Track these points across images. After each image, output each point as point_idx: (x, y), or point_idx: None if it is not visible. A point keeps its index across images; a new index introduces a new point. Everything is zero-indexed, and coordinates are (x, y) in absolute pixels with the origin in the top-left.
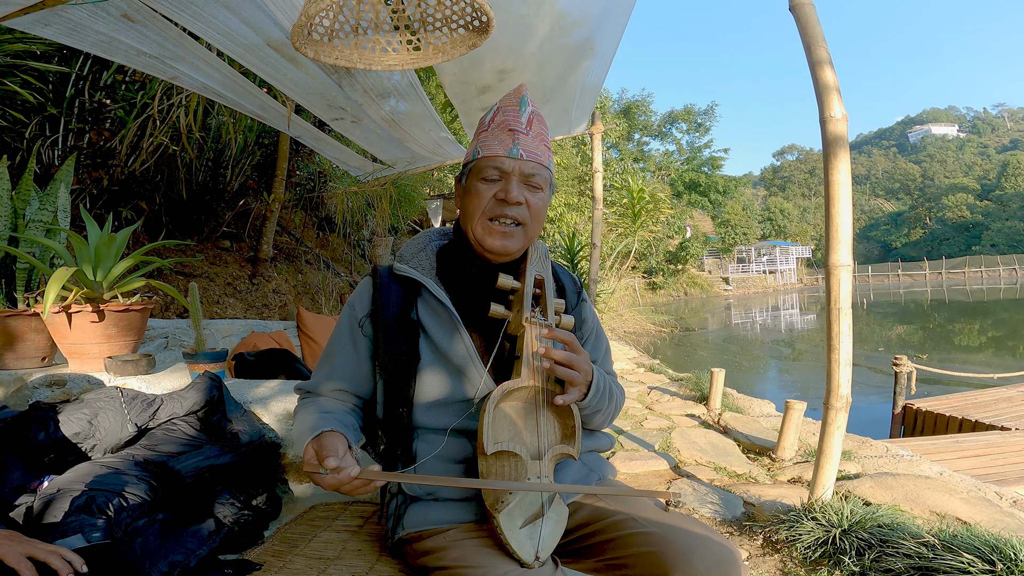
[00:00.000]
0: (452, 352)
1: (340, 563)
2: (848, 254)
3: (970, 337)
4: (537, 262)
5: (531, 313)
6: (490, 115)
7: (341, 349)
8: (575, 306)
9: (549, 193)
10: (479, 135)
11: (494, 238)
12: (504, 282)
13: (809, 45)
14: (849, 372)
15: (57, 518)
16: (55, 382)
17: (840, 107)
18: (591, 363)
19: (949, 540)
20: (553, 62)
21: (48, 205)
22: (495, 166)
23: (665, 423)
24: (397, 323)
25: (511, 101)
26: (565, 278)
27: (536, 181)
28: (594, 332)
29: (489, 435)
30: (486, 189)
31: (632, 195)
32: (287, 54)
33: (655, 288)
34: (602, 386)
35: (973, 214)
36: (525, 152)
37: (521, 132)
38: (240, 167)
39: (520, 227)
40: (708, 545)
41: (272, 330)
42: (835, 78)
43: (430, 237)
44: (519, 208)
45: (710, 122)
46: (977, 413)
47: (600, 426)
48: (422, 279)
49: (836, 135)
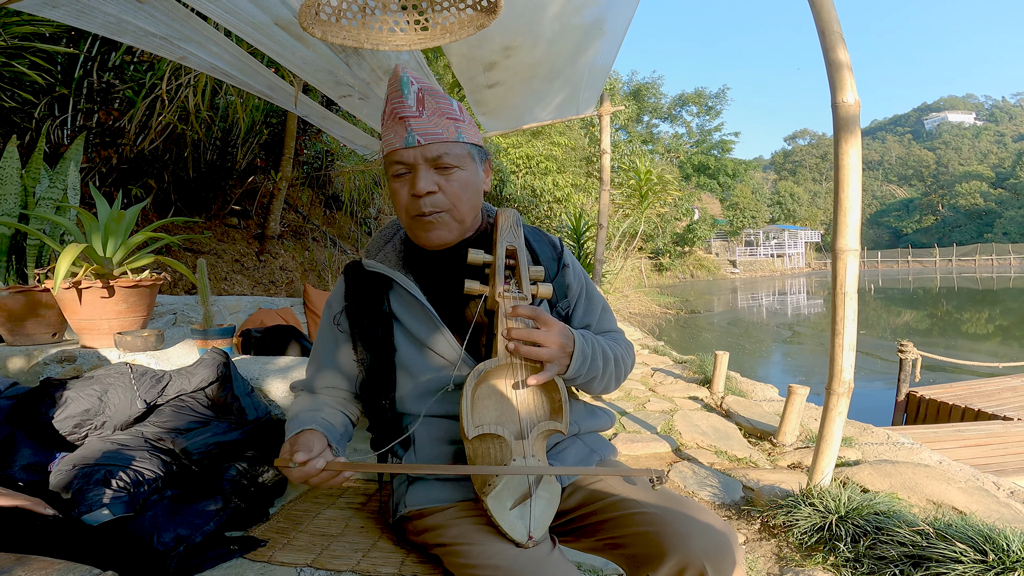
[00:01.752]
0: (428, 340)
1: (343, 540)
2: (856, 239)
3: (978, 325)
4: (508, 231)
5: (504, 287)
6: (383, 109)
7: (324, 347)
8: (556, 274)
9: (475, 164)
10: (381, 131)
11: (424, 232)
12: (475, 257)
13: (823, 30)
14: (852, 357)
15: (78, 494)
16: (66, 358)
17: (853, 93)
18: (569, 333)
19: (943, 529)
20: (562, 41)
21: (58, 183)
22: (397, 160)
23: (668, 405)
24: (370, 316)
25: (393, 87)
26: (542, 245)
27: (445, 161)
28: (583, 295)
29: (469, 419)
30: (400, 187)
31: (640, 176)
32: (294, 32)
33: (661, 269)
34: (589, 352)
35: (986, 202)
36: (421, 136)
37: (412, 116)
38: (248, 146)
39: (445, 214)
40: (705, 526)
41: (279, 307)
42: (848, 63)
43: (396, 227)
44: (433, 197)
45: (721, 105)
46: (980, 402)
47: (605, 390)
48: (390, 273)
49: (847, 119)
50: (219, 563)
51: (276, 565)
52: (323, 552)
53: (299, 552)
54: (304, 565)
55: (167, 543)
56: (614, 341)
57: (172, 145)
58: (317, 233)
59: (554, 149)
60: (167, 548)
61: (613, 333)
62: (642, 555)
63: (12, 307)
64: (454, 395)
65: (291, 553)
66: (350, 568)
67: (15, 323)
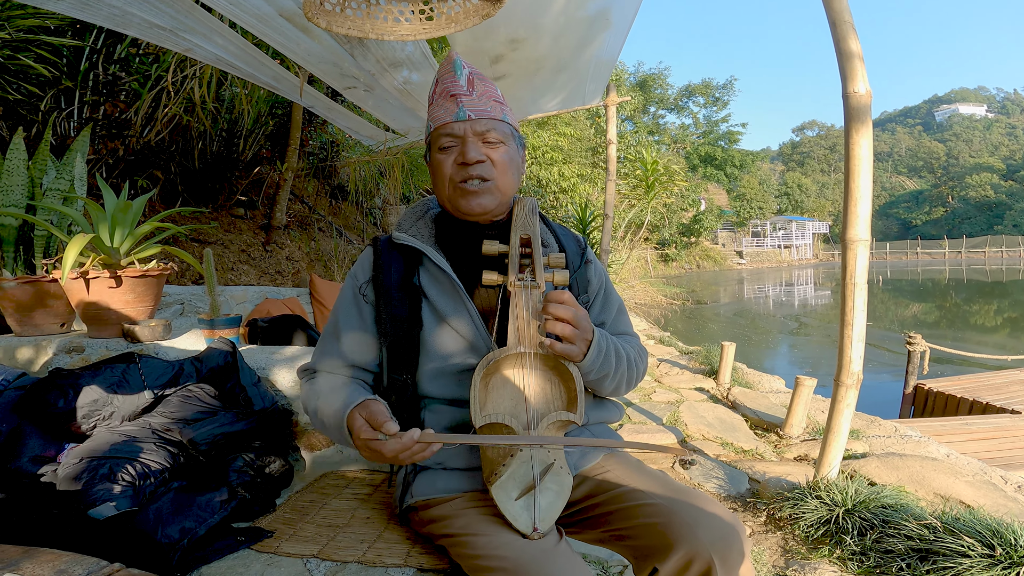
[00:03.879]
0: (455, 319)
1: (349, 531)
2: (866, 229)
3: (986, 317)
4: (523, 220)
5: (518, 276)
6: (432, 89)
7: (346, 319)
8: (579, 268)
9: (516, 146)
10: (428, 111)
11: (467, 199)
12: (489, 248)
13: (834, 20)
14: (862, 349)
15: (84, 487)
16: (74, 348)
17: (864, 83)
18: (591, 323)
19: (951, 523)
20: (568, 33)
21: (65, 174)
22: (446, 133)
23: (674, 396)
24: (399, 289)
25: (446, 69)
26: (568, 239)
27: (493, 136)
28: (602, 293)
29: (476, 408)
30: (445, 158)
31: (646, 167)
32: (299, 24)
33: (667, 260)
34: (605, 346)
35: (997, 194)
36: (472, 112)
37: (463, 94)
38: (254, 137)
39: (490, 183)
40: (713, 518)
41: (285, 297)
42: (860, 52)
43: (428, 205)
44: (482, 166)
45: (728, 96)
46: (989, 395)
47: (615, 392)
48: (422, 247)
49: (859, 110)
50: (225, 555)
51: (282, 556)
52: (329, 543)
53: (305, 543)
54: (310, 556)
55: (172, 536)
56: (628, 344)
57: (178, 136)
58: (323, 223)
59: (560, 139)
60: (171, 541)
61: (628, 336)
62: (649, 547)
63: (20, 298)
64: (469, 380)
65: (297, 544)
66: (356, 559)
67: (23, 313)
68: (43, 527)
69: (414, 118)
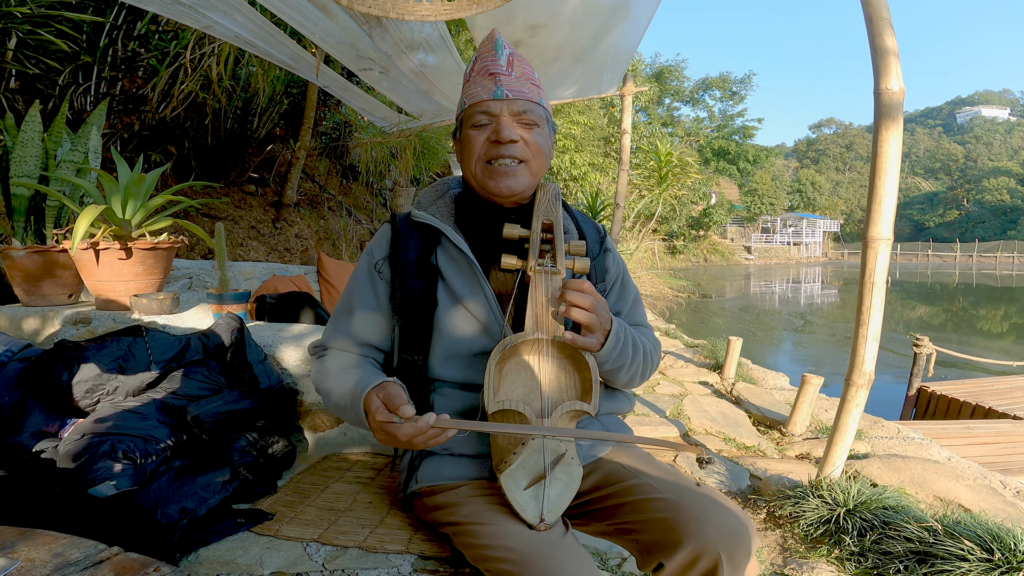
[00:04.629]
0: (471, 300)
1: (351, 515)
2: (889, 228)
3: (993, 323)
4: (546, 205)
5: (538, 261)
6: (469, 67)
7: (360, 295)
8: (597, 255)
9: (548, 129)
10: (464, 88)
11: (497, 180)
12: (510, 232)
13: (871, 17)
14: (875, 349)
15: (84, 465)
16: (80, 320)
17: (898, 80)
18: (609, 312)
19: (952, 526)
20: (587, 23)
21: (79, 146)
22: (482, 111)
23: (677, 389)
24: (415, 267)
25: (487, 47)
26: (588, 227)
27: (529, 118)
28: (619, 283)
29: (490, 392)
30: (478, 135)
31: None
32: (319, 3)
33: (675, 252)
34: (622, 337)
35: (1013, 199)
36: (510, 91)
37: (502, 74)
38: (268, 115)
39: (522, 164)
40: (721, 513)
41: (293, 274)
42: (895, 49)
43: (449, 185)
44: (515, 146)
45: (746, 91)
46: (992, 400)
47: (628, 384)
48: (441, 226)
49: (891, 107)
50: (225, 536)
51: (282, 539)
52: (330, 527)
53: (306, 526)
54: (310, 540)
55: (171, 516)
56: (643, 335)
57: (193, 113)
58: (333, 203)
59: (573, 128)
60: (171, 521)
61: (643, 327)
62: (656, 541)
63: (29, 267)
64: (481, 364)
65: (298, 527)
66: (357, 544)
67: (31, 283)
68: (43, 505)
69: (428, 101)
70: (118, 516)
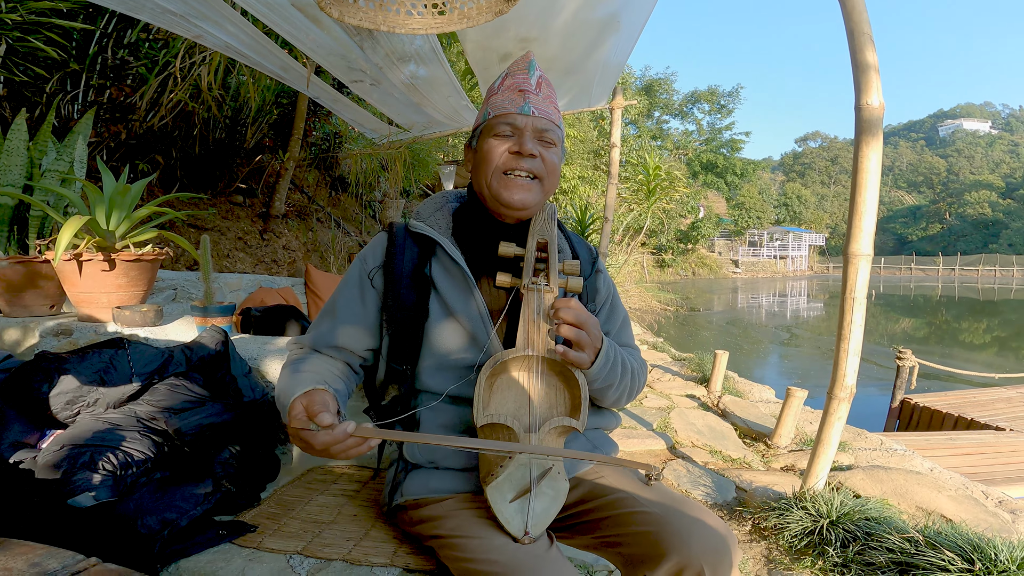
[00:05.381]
0: (463, 313)
1: (335, 527)
2: (869, 244)
3: (975, 335)
4: (542, 225)
5: (532, 280)
6: (499, 80)
7: (346, 301)
8: (589, 276)
9: (561, 152)
10: (489, 99)
11: (511, 191)
12: (505, 250)
13: (853, 32)
14: (856, 363)
15: (63, 476)
16: (62, 331)
17: (878, 95)
18: (600, 331)
19: (933, 537)
20: (578, 35)
21: (65, 156)
22: (507, 122)
23: (665, 402)
24: (409, 278)
25: (520, 66)
26: (580, 247)
27: (549, 137)
28: (608, 303)
29: (480, 406)
30: (499, 144)
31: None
32: (310, 15)
33: (663, 266)
34: (612, 357)
35: (994, 212)
36: (536, 110)
37: (531, 92)
38: (257, 125)
39: (536, 181)
40: (706, 528)
41: (280, 286)
42: (876, 64)
43: (447, 198)
44: (534, 161)
45: (734, 104)
46: (974, 412)
47: (616, 403)
48: (438, 237)
49: (870, 122)
50: (206, 548)
51: (265, 551)
52: (314, 539)
53: (289, 539)
54: (294, 552)
55: (152, 527)
56: (631, 356)
57: (181, 122)
58: (321, 214)
59: None
60: (151, 532)
61: (630, 348)
62: (640, 555)
63: (11, 277)
64: (468, 377)
65: (281, 539)
66: (341, 556)
67: (13, 294)
68: (20, 516)
69: (418, 113)
70: (98, 527)
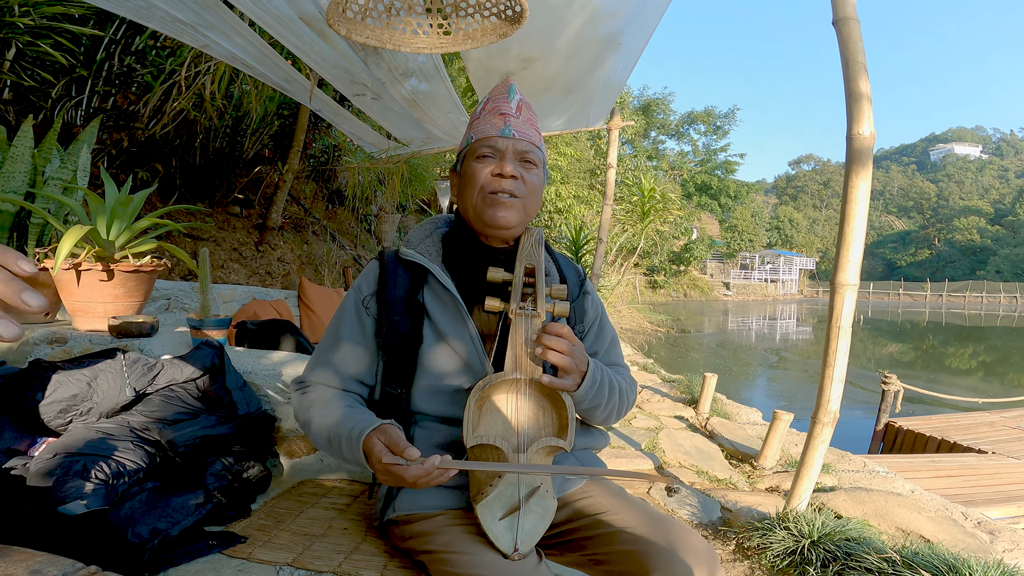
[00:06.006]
0: (456, 337)
1: (325, 540)
2: (856, 274)
3: (961, 360)
4: (529, 249)
5: (519, 305)
6: (480, 106)
7: (348, 330)
8: (576, 298)
9: (543, 173)
10: (472, 124)
11: (495, 210)
12: (494, 275)
13: (848, 61)
14: (840, 389)
15: (55, 483)
16: (56, 340)
17: (869, 125)
18: (586, 354)
19: (911, 557)
20: (580, 55)
21: (69, 164)
22: (489, 145)
23: (653, 423)
24: (402, 304)
25: (500, 91)
26: (568, 269)
27: (531, 158)
28: (597, 325)
29: (469, 428)
30: (481, 167)
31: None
32: (317, 28)
33: (655, 287)
34: (599, 377)
35: (983, 238)
36: (517, 132)
37: (511, 115)
38: (258, 136)
39: (518, 200)
40: (690, 548)
41: (273, 298)
42: (869, 94)
43: (436, 224)
44: (515, 182)
45: (730, 125)
46: (957, 435)
47: (605, 422)
48: (428, 265)
49: (861, 152)
50: (196, 558)
51: (255, 563)
52: (304, 552)
53: (279, 551)
54: (284, 564)
55: (142, 536)
56: (619, 375)
57: (183, 131)
58: (317, 227)
59: (559, 159)
60: (142, 541)
61: (619, 367)
62: (625, 572)
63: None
64: (462, 400)
65: (271, 551)
66: (331, 569)
67: None
68: (12, 523)
69: (418, 128)
70: (88, 535)
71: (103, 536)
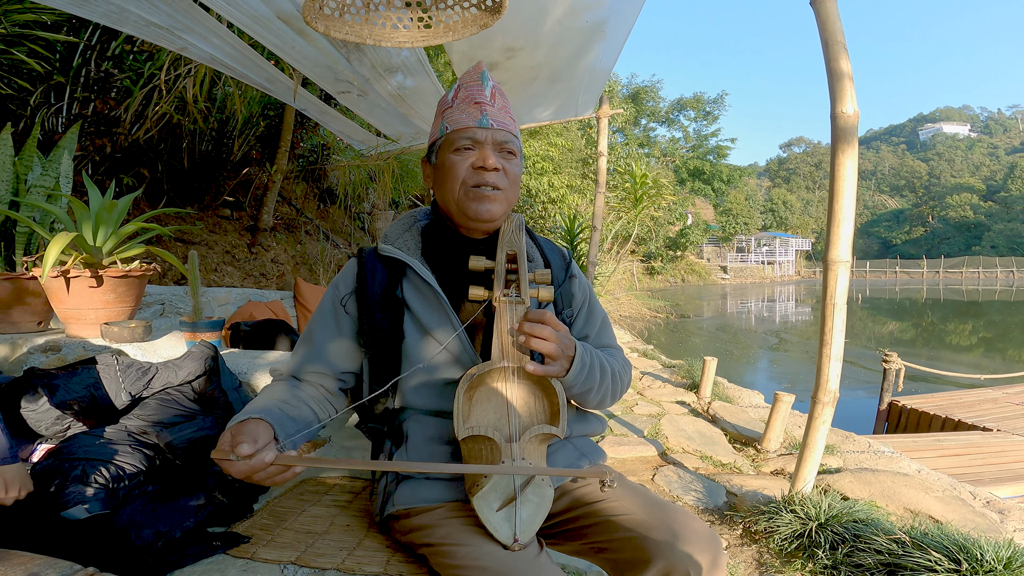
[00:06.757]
0: (438, 331)
1: (328, 538)
2: (848, 251)
3: (961, 337)
4: (510, 236)
5: (503, 292)
6: (451, 93)
7: (322, 328)
8: (563, 282)
9: (520, 161)
10: (443, 112)
11: (480, 204)
12: (476, 264)
13: (827, 41)
14: (839, 368)
15: (55, 489)
16: (50, 348)
17: (852, 103)
18: (572, 338)
19: (920, 538)
20: (564, 44)
21: (51, 171)
22: (467, 136)
23: (655, 409)
24: (381, 301)
25: (472, 77)
26: (552, 253)
27: (510, 147)
28: (585, 307)
29: (459, 420)
30: (461, 160)
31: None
32: (296, 27)
33: (653, 273)
34: (588, 361)
35: (976, 214)
36: (495, 122)
37: (487, 104)
38: (244, 137)
39: (500, 192)
40: (691, 533)
41: (269, 299)
42: (850, 73)
43: (415, 217)
44: (498, 174)
45: (719, 111)
46: (961, 413)
47: (599, 405)
48: (407, 259)
49: (846, 130)
50: (200, 559)
51: (259, 562)
52: (307, 550)
53: (283, 549)
54: (288, 562)
55: (146, 538)
56: (611, 357)
57: (167, 135)
58: (310, 227)
59: (551, 150)
60: (146, 544)
61: (611, 349)
62: (627, 560)
63: None
64: (452, 392)
65: (275, 550)
66: (334, 566)
67: (0, 310)
68: (13, 527)
69: (406, 124)
70: (92, 538)
71: (108, 540)
